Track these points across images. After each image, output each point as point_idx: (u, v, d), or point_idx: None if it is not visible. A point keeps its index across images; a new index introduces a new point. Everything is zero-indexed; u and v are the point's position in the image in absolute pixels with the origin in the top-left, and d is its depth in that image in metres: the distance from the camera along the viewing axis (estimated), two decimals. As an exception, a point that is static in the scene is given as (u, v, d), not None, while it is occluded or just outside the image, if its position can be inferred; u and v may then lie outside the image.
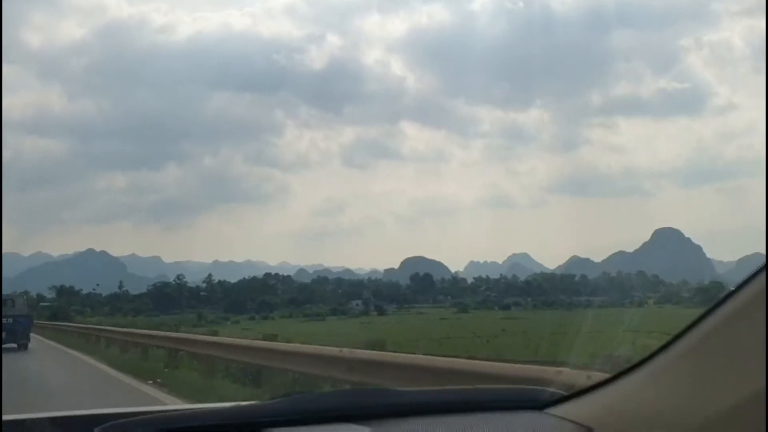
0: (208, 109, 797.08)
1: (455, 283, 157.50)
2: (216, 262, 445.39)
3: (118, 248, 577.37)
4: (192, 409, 1.63)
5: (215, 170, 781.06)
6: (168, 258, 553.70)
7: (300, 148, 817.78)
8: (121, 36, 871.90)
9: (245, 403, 1.53)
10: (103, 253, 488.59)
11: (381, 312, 78.52)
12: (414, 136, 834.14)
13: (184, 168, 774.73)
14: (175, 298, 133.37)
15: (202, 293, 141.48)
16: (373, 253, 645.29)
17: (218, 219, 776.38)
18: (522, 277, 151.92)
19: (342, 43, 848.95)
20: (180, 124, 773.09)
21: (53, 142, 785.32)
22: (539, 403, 1.52)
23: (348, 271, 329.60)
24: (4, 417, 1.61)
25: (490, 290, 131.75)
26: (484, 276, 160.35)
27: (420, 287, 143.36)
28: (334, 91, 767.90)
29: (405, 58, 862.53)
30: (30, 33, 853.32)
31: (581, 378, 4.43)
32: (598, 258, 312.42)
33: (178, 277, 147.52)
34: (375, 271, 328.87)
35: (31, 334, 26.12)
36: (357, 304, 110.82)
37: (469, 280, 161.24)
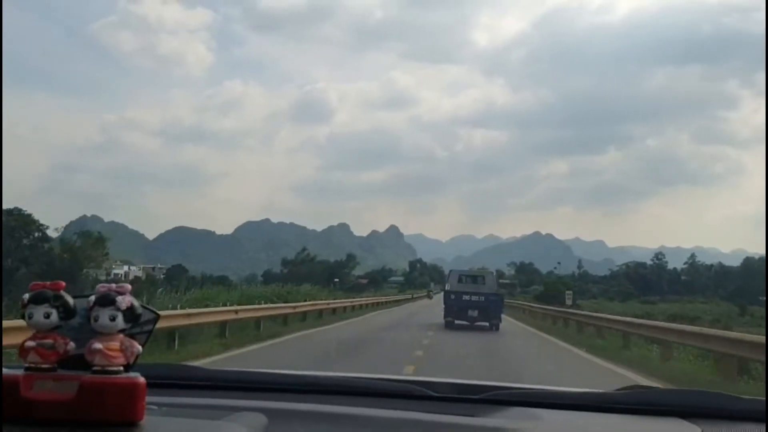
0: (649, 87, 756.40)
1: None
2: (662, 248, 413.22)
3: (562, 232, 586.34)
4: (552, 390, 1.69)
5: (658, 151, 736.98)
6: (611, 242, 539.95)
7: (757, 121, 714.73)
8: (559, 22, 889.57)
9: (596, 390, 1.62)
10: (549, 236, 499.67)
11: None
12: None
13: (625, 150, 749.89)
14: (653, 281, 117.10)
15: (683, 277, 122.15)
16: None
17: (661, 203, 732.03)
18: None
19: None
20: (619, 106, 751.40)
21: (497, 133, 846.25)
22: None
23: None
24: (422, 377, 1.69)
25: None
26: None
27: None
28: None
29: None
30: (477, 33, 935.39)
31: None
32: None
33: (657, 256, 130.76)
34: None
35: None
36: None
37: None
